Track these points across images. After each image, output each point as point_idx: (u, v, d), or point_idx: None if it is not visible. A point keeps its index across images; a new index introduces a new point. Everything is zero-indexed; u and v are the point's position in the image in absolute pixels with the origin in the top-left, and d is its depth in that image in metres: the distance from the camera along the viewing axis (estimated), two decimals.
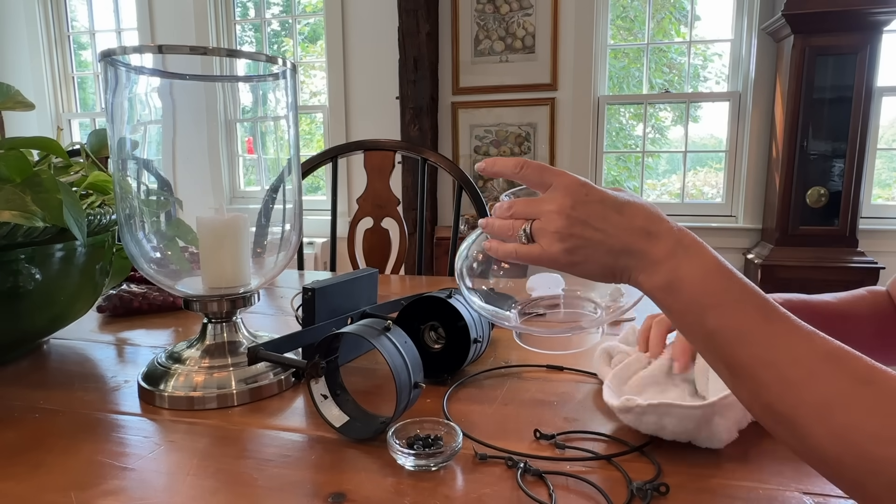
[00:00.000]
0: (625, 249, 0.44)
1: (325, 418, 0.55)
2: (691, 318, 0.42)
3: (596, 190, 0.46)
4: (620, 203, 0.45)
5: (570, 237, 0.45)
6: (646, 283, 0.44)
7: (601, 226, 0.44)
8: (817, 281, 2.49)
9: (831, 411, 0.36)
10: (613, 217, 0.45)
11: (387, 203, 1.46)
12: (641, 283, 0.45)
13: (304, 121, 3.41)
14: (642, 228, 0.44)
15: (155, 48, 0.60)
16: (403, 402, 0.53)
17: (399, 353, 0.54)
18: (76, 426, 0.58)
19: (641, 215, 0.45)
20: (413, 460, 0.48)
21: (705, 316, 0.41)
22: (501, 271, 0.57)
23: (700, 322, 0.42)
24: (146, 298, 0.97)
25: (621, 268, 0.45)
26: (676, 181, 3.06)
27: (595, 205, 0.45)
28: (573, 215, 0.45)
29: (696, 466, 0.49)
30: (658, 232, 0.44)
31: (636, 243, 0.44)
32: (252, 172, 0.74)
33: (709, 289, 0.42)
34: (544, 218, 0.46)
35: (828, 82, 2.47)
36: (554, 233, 0.45)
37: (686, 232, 0.44)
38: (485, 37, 2.99)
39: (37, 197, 0.62)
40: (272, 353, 0.62)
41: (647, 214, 0.45)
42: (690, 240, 0.44)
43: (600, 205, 0.45)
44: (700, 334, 0.42)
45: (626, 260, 0.45)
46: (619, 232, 0.44)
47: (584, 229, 0.45)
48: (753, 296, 0.41)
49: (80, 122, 3.73)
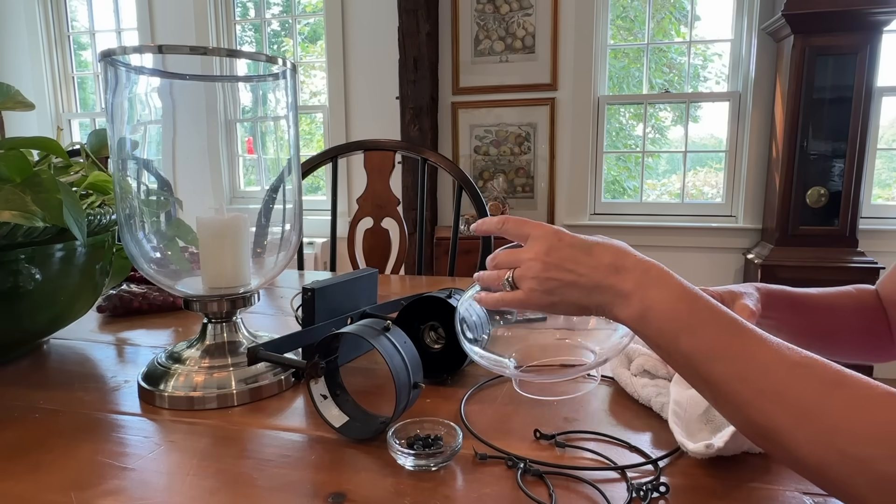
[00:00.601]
0: (596, 286, 0.48)
1: (324, 418, 0.55)
2: (666, 343, 0.45)
3: (568, 236, 0.50)
4: (589, 245, 0.49)
5: (547, 280, 0.49)
6: (621, 315, 0.47)
7: (572, 267, 0.48)
8: (817, 281, 2.49)
9: (808, 417, 0.37)
10: (583, 258, 0.49)
11: (387, 203, 1.46)
12: (617, 316, 0.48)
13: (304, 121, 3.41)
14: (610, 265, 0.48)
15: (155, 48, 0.60)
16: (403, 403, 0.53)
17: (398, 354, 0.54)
18: (76, 426, 0.58)
19: (609, 253, 0.48)
20: (413, 460, 0.48)
21: (678, 340, 0.44)
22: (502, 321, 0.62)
23: (675, 346, 0.44)
24: (146, 298, 0.97)
25: (595, 304, 0.48)
26: (676, 181, 3.06)
27: (566, 249, 0.49)
28: (548, 260, 0.49)
29: (696, 466, 0.49)
30: (625, 266, 0.47)
31: (606, 279, 0.47)
32: (252, 172, 0.74)
33: (678, 314, 0.44)
34: (524, 265, 0.51)
35: (828, 82, 2.47)
36: (532, 278, 0.50)
37: (653, 263, 0.48)
38: (485, 37, 2.99)
39: (37, 197, 0.62)
40: (272, 354, 0.62)
41: (615, 251, 0.49)
42: (657, 270, 0.47)
43: (571, 248, 0.49)
44: (677, 358, 0.45)
45: (599, 296, 0.48)
46: (589, 271, 0.48)
47: (559, 272, 0.49)
48: (721, 316, 0.43)
49: (80, 122, 3.73)
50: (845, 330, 0.69)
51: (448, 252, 1.60)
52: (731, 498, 0.45)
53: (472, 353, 0.60)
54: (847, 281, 0.74)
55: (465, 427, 0.56)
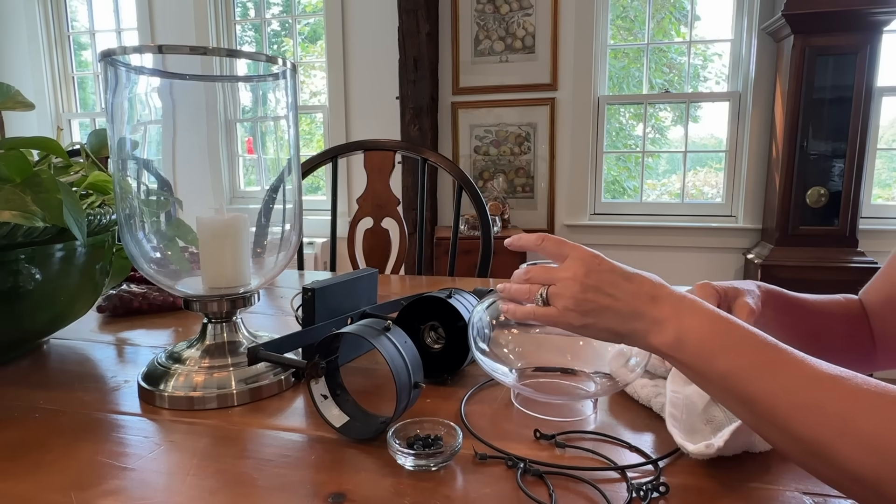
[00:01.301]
0: (633, 313, 0.48)
1: (325, 418, 0.55)
2: (702, 365, 0.45)
3: (607, 261, 0.51)
4: (629, 273, 0.50)
5: (584, 301, 0.49)
6: (655, 341, 0.48)
7: (612, 291, 0.49)
8: (817, 281, 2.49)
9: (854, 421, 0.37)
10: (623, 284, 0.49)
11: (387, 203, 1.46)
12: (651, 343, 0.48)
13: (304, 121, 3.41)
14: (648, 294, 0.48)
15: (155, 48, 0.60)
16: (403, 402, 0.53)
17: (399, 354, 0.54)
18: (76, 426, 0.58)
19: (647, 283, 0.49)
20: (413, 460, 0.48)
21: (715, 361, 0.44)
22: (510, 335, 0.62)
23: (711, 367, 0.45)
24: (146, 298, 0.97)
25: (629, 330, 0.49)
26: (676, 181, 3.06)
27: (606, 273, 0.50)
28: (587, 282, 0.49)
29: (697, 466, 0.49)
30: (661, 296, 0.48)
31: (643, 307, 0.48)
32: (252, 172, 0.74)
33: (713, 336, 0.45)
34: (560, 284, 0.51)
35: (828, 82, 2.47)
36: (569, 297, 0.50)
37: (685, 294, 0.49)
38: (485, 37, 2.99)
39: (37, 197, 0.62)
40: (272, 354, 0.62)
41: (652, 282, 0.49)
42: (691, 300, 0.48)
43: (611, 273, 0.50)
44: (713, 379, 0.45)
45: (635, 323, 0.48)
46: (628, 297, 0.49)
47: (597, 295, 0.49)
48: (754, 335, 0.44)
49: (80, 122, 3.73)
50: (831, 334, 0.70)
51: (448, 252, 1.60)
52: (731, 498, 0.45)
53: (482, 362, 0.60)
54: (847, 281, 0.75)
55: (465, 427, 0.56)
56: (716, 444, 0.48)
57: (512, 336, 0.62)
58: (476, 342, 0.60)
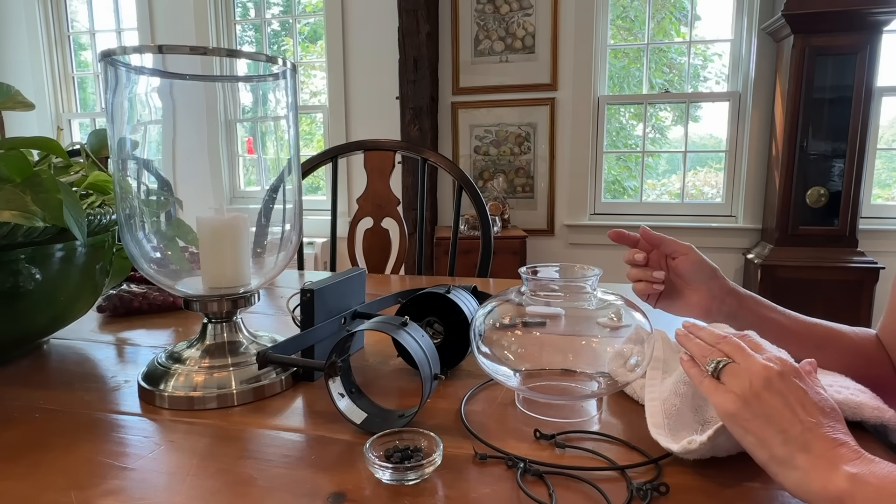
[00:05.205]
0: (805, 446, 0.41)
1: (345, 416, 0.56)
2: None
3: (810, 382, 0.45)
4: (829, 406, 0.43)
5: (757, 398, 0.43)
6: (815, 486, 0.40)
7: (797, 407, 0.42)
8: (817, 281, 2.49)
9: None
10: (813, 408, 0.42)
11: (387, 203, 1.46)
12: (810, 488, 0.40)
13: (304, 121, 3.41)
14: (831, 437, 0.41)
15: (155, 48, 0.60)
16: (427, 393, 0.54)
17: (420, 347, 0.56)
18: (76, 426, 0.58)
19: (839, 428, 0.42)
20: (391, 474, 0.46)
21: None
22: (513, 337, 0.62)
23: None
24: (146, 298, 0.97)
25: (783, 458, 0.42)
26: (676, 181, 3.06)
27: (800, 391, 0.43)
28: (775, 382, 0.44)
29: (696, 466, 0.49)
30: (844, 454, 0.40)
31: (820, 445, 0.41)
32: (252, 172, 0.74)
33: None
34: (745, 366, 0.46)
35: (828, 82, 2.47)
36: (746, 382, 0.44)
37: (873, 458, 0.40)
38: (485, 37, 2.99)
39: (37, 197, 0.62)
40: (283, 356, 0.63)
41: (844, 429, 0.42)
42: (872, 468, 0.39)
43: (804, 391, 0.43)
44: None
45: (797, 457, 0.41)
46: (810, 424, 0.42)
47: (776, 398, 0.43)
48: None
49: (80, 122, 3.73)
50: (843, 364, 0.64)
51: (448, 252, 1.60)
52: (731, 498, 0.45)
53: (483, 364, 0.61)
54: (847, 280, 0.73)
55: (465, 427, 0.56)
56: (698, 439, 0.48)
57: (514, 338, 0.62)
58: (478, 345, 0.60)
